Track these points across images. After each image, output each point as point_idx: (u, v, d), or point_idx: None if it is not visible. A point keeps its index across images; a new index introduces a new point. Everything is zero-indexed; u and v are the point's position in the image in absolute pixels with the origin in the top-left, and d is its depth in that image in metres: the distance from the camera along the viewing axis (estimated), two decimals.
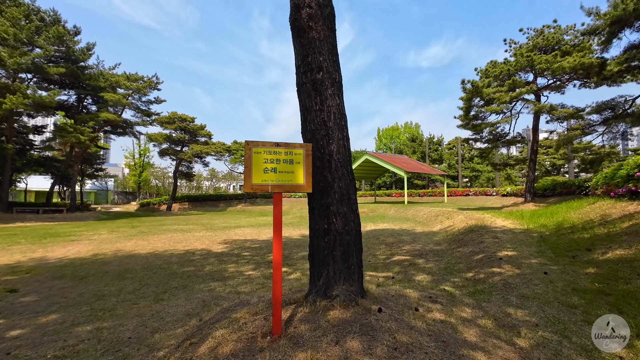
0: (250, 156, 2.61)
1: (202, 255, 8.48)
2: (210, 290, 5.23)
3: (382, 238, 10.34)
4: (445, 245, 8.28)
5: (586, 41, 14.77)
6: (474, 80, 16.36)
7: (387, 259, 7.16)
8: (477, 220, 10.68)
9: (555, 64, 14.34)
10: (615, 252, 4.73)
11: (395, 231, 12.05)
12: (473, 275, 4.97)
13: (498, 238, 7.21)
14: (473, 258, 6.04)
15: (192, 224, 18.34)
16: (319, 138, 3.04)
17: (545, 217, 9.51)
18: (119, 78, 28.27)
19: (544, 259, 5.25)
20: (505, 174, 40.59)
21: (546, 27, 16.26)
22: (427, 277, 5.18)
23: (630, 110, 14.25)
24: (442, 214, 15.38)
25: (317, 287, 3.05)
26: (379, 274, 5.72)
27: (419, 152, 45.00)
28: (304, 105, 3.17)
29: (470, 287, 4.36)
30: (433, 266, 6.03)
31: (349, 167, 3.18)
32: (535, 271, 4.63)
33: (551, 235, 7.12)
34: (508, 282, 4.30)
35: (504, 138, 18.52)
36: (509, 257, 5.47)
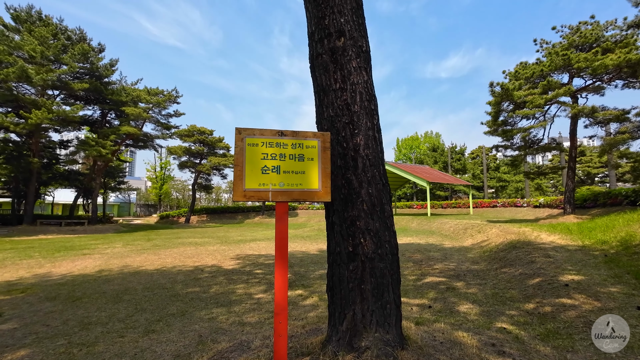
0: (243, 150, 1.82)
1: (211, 273, 7.74)
2: (212, 319, 4.43)
3: (409, 254, 9.30)
4: (484, 265, 7.17)
5: (630, 36, 13.43)
6: (504, 83, 15.22)
7: (419, 280, 6.16)
8: (516, 234, 9.46)
9: (596, 61, 13.06)
10: None
11: (422, 246, 10.97)
12: (535, 308, 3.93)
13: (551, 257, 6.08)
14: (527, 282, 4.96)
15: (207, 237, 17.85)
16: (340, 128, 2.23)
17: (600, 232, 8.20)
18: (140, 92, 28.80)
19: (627, 288, 4.13)
20: (536, 184, 38.28)
21: (582, 23, 15.01)
22: (474, 308, 4.17)
23: None
24: (472, 227, 14.11)
25: (339, 334, 2.18)
26: (412, 301, 4.76)
27: (441, 162, 43.37)
28: (319, 85, 2.37)
29: (537, 326, 3.35)
30: (477, 292, 5.00)
31: (381, 168, 2.33)
32: (623, 305, 3.55)
33: (618, 254, 5.92)
34: (590, 321, 3.25)
35: (538, 144, 17.11)
36: (577, 284, 4.38)
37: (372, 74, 2.49)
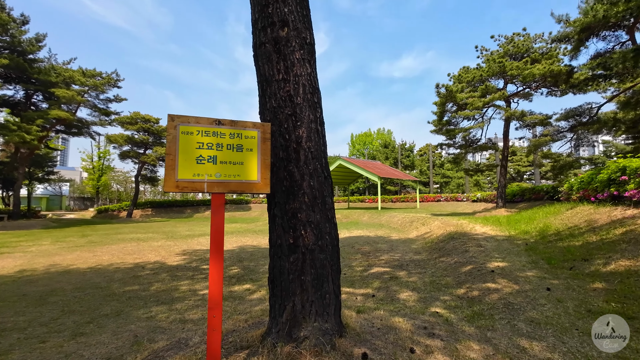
0: (176, 138, 1.72)
1: (153, 270, 7.30)
2: (150, 318, 4.19)
3: (358, 246, 9.62)
4: (425, 255, 7.67)
5: (554, 49, 15.10)
6: (448, 85, 16.27)
7: (365, 271, 6.40)
8: (455, 226, 10.24)
9: (526, 70, 14.49)
10: (619, 263, 4.24)
11: (371, 238, 11.40)
12: (465, 292, 4.29)
13: (482, 246, 6.68)
14: (460, 270, 5.41)
15: (152, 232, 16.78)
16: (283, 119, 2.21)
17: (523, 223, 9.21)
18: (74, 73, 25.92)
19: (541, 272, 4.69)
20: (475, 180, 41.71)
21: (516, 34, 16.54)
22: (413, 295, 4.45)
23: (595, 118, 14.65)
24: (417, 220, 14.98)
25: (279, 326, 2.19)
26: (357, 291, 4.93)
27: (392, 158, 45.31)
28: (262, 75, 2.32)
29: (465, 309, 3.67)
30: (417, 280, 5.33)
31: (323, 161, 2.36)
32: (536, 287, 4.03)
33: (537, 242, 6.69)
34: (509, 302, 3.64)
35: (476, 144, 18.61)
36: (502, 270, 4.87)
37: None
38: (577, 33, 12.12)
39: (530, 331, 2.94)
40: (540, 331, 2.94)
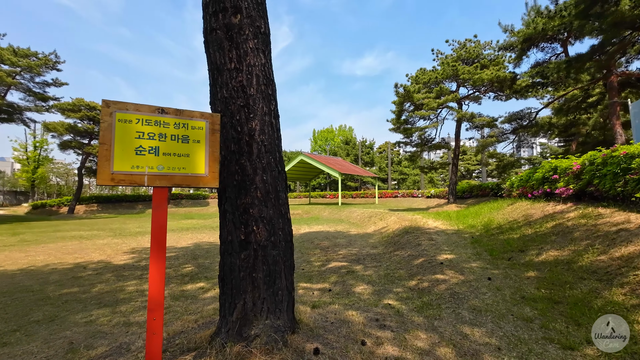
0: (112, 126, 1.57)
1: (96, 270, 6.75)
2: (90, 322, 3.86)
3: (317, 242, 9.68)
4: (382, 249, 7.92)
5: (501, 57, 16.27)
6: (406, 85, 16.88)
7: (323, 266, 6.45)
8: (410, 221, 10.70)
9: (476, 75, 15.46)
10: (549, 253, 4.69)
11: (331, 234, 11.54)
12: (416, 284, 4.49)
13: (434, 240, 7.04)
14: (413, 263, 5.65)
15: (98, 229, 15.53)
16: (235, 110, 2.12)
17: (471, 218, 9.86)
18: (3, 52, 23.02)
19: (483, 263, 5.05)
20: (429, 177, 43.90)
21: (468, 40, 17.57)
22: (368, 288, 4.57)
23: (534, 122, 16.06)
24: (376, 215, 15.43)
25: (229, 325, 2.11)
26: (315, 286, 4.95)
27: (352, 155, 46.19)
28: (213, 63, 2.20)
29: (416, 300, 3.83)
30: (372, 273, 5.48)
31: (277, 155, 2.31)
32: (479, 277, 4.33)
33: (482, 236, 7.20)
34: (455, 292, 3.87)
35: (431, 142, 19.57)
36: (450, 261, 5.17)
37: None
38: (520, 43, 13.16)
39: (472, 318, 3.15)
40: (481, 318, 3.15)
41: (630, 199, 5.05)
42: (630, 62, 14.65)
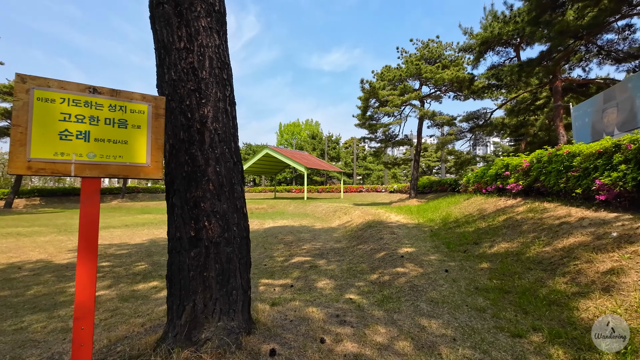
0: (29, 105, 1.33)
1: (33, 271, 6.10)
2: (20, 329, 3.44)
3: (281, 236, 9.55)
4: (345, 243, 7.97)
5: (460, 58, 16.99)
6: (372, 82, 17.09)
7: (286, 261, 6.35)
8: (373, 215, 10.89)
9: (438, 74, 16.02)
10: (501, 245, 4.96)
11: (295, 228, 11.45)
12: (378, 278, 4.54)
13: (395, 234, 7.20)
14: (375, 256, 5.72)
15: (39, 226, 14.18)
16: (184, 95, 1.93)
17: (430, 212, 10.25)
18: None
19: (441, 255, 5.23)
20: (393, 173, 45.22)
21: (431, 41, 18.14)
22: (330, 283, 4.54)
23: (488, 121, 17.01)
24: (340, 210, 15.57)
25: (177, 329, 1.94)
26: (277, 282, 4.84)
27: (319, 150, 46.28)
28: (160, 41, 1.99)
29: (377, 294, 3.86)
30: (335, 268, 5.47)
31: (233, 145, 2.15)
32: (437, 269, 4.46)
33: (440, 229, 7.49)
34: (414, 285, 3.95)
35: (395, 139, 20.07)
36: (410, 255, 5.29)
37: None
38: (478, 45, 13.81)
39: (430, 310, 3.21)
40: (438, 309, 3.23)
41: (571, 194, 5.47)
42: (573, 69, 15.98)
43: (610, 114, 9.14)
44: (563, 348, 2.38)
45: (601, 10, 9.49)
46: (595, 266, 3.24)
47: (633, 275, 2.86)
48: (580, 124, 10.95)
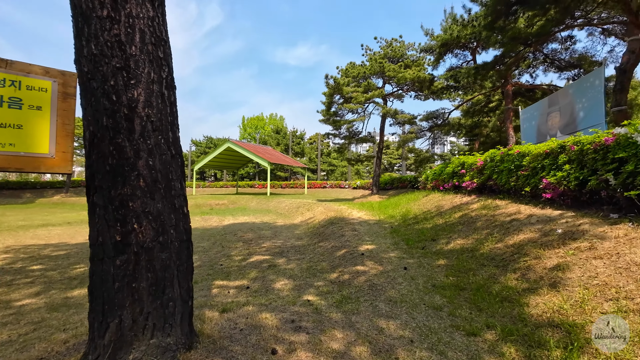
0: None
1: None
2: None
3: (241, 234, 9.19)
4: (306, 240, 7.82)
5: (422, 59, 17.48)
6: (337, 77, 17.05)
7: (244, 260, 6.06)
8: (335, 212, 10.86)
9: (400, 73, 16.34)
10: (457, 242, 5.07)
11: (256, 225, 11.11)
12: (337, 277, 4.43)
13: (357, 230, 7.18)
14: (336, 254, 5.62)
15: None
16: (109, 73, 1.62)
17: (391, 208, 10.42)
18: None
19: (401, 252, 5.25)
20: (356, 169, 45.93)
21: (394, 40, 18.45)
22: (289, 284, 4.35)
23: (446, 121, 17.72)
24: (303, 206, 15.42)
25: (99, 350, 1.65)
26: (232, 284, 4.56)
27: (283, 145, 45.72)
28: (77, 7, 1.65)
29: (336, 294, 3.74)
30: (295, 267, 5.29)
31: (171, 135, 1.87)
32: (396, 267, 4.45)
33: (400, 226, 7.59)
34: (374, 284, 3.89)
35: (358, 136, 20.26)
36: (370, 252, 5.25)
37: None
38: (438, 47, 14.26)
39: (389, 310, 3.15)
40: (397, 309, 3.18)
41: (521, 192, 5.76)
42: (522, 74, 17.10)
43: (553, 118, 9.84)
44: (515, 346, 2.41)
45: (548, 20, 10.16)
46: (543, 262, 3.37)
47: (577, 270, 2.99)
48: (527, 126, 11.72)
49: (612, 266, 2.81)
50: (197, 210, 17.55)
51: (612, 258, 2.90)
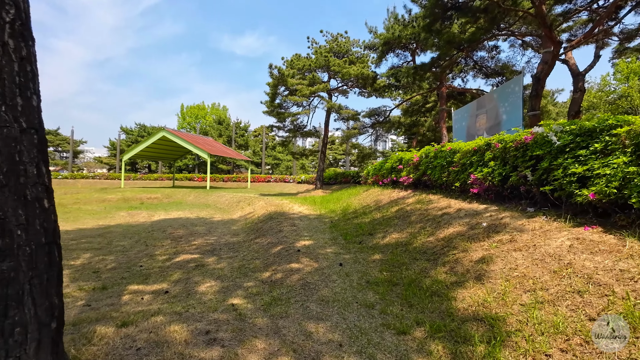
0: None
1: None
2: None
3: (171, 230, 8.37)
4: (243, 236, 7.37)
5: (366, 56, 17.80)
6: (281, 68, 16.56)
7: (169, 260, 5.44)
8: (276, 206, 10.51)
9: (345, 69, 16.43)
10: (392, 235, 5.10)
11: (190, 220, 10.28)
12: (270, 276, 4.13)
13: (296, 226, 6.94)
14: (271, 251, 5.31)
15: None
16: None
17: (332, 203, 10.39)
18: None
19: (338, 247, 5.13)
20: (301, 164, 45.82)
21: (340, 35, 18.51)
22: (215, 285, 3.93)
23: (387, 119, 18.35)
24: (244, 200, 14.77)
25: None
26: (149, 288, 3.98)
27: (225, 136, 43.72)
28: None
29: (266, 295, 3.44)
30: (225, 266, 4.86)
31: (20, 102, 1.38)
32: (332, 263, 4.29)
33: (340, 220, 7.53)
34: (307, 282, 3.67)
35: (303, 129, 20.04)
36: (307, 248, 5.04)
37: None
38: (381, 45, 14.60)
39: (320, 312, 2.94)
40: (328, 309, 2.99)
41: (452, 187, 6.03)
42: (455, 78, 18.40)
43: (481, 119, 10.64)
44: (442, 342, 2.35)
45: (478, 28, 10.93)
46: (470, 255, 3.46)
47: (499, 263, 3.09)
48: (458, 126, 12.58)
49: (529, 258, 2.94)
50: (124, 204, 15.83)
51: (529, 250, 3.04)
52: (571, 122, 3.72)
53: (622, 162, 2.84)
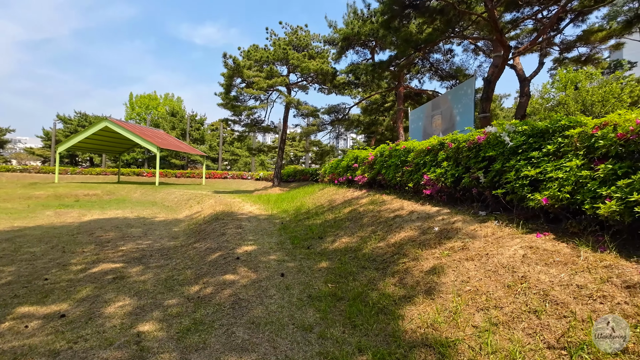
0: None
1: None
2: None
3: (100, 233, 7.35)
4: (182, 240, 6.61)
5: (326, 51, 17.43)
6: (237, 58, 15.64)
7: (84, 271, 4.61)
8: (226, 205, 9.77)
9: (304, 63, 15.93)
10: (342, 240, 4.73)
11: (127, 221, 9.21)
12: (199, 290, 3.54)
13: (242, 228, 6.34)
14: (207, 259, 4.69)
15: None
16: None
17: (287, 202, 9.89)
18: None
19: (283, 254, 4.64)
20: (260, 160, 44.59)
21: (299, 28, 17.94)
22: (129, 305, 3.26)
23: (347, 116, 18.17)
24: (194, 198, 13.76)
25: None
26: (42, 311, 3.21)
27: (179, 129, 41.21)
28: None
29: (186, 318, 2.86)
30: (150, 278, 4.17)
31: None
32: (273, 274, 3.80)
33: (291, 221, 7.06)
34: (240, 299, 3.14)
35: (261, 124, 19.24)
36: (248, 255, 4.50)
37: None
38: (341, 41, 14.30)
39: (246, 339, 2.44)
40: (257, 336, 2.50)
41: (405, 188, 5.81)
42: (412, 79, 18.69)
43: (436, 120, 10.74)
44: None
45: (434, 29, 11.00)
46: (420, 264, 3.16)
47: (450, 274, 2.80)
48: (415, 126, 12.67)
49: (482, 269, 2.68)
50: (54, 202, 13.98)
51: (482, 260, 2.79)
52: (524, 122, 3.57)
53: (575, 165, 2.68)
